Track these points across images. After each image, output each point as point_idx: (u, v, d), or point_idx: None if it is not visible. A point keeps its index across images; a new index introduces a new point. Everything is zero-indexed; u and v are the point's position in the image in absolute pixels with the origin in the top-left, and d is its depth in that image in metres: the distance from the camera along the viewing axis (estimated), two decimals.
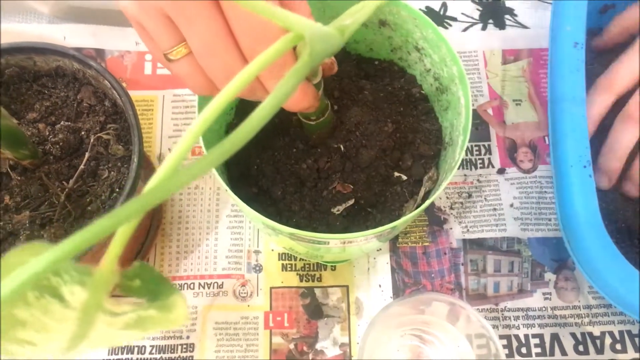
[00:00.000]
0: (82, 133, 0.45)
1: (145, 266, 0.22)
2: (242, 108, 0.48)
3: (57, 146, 0.43)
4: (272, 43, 0.23)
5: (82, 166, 0.43)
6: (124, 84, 0.44)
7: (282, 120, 0.44)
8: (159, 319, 0.21)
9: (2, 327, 0.17)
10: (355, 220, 0.43)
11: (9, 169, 0.42)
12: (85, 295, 0.19)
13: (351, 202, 0.42)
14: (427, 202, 0.38)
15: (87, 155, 0.44)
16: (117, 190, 0.43)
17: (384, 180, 0.43)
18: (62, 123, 0.45)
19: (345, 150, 0.42)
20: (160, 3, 0.30)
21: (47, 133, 0.44)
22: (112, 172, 0.44)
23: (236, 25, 0.31)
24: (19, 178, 0.42)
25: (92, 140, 0.44)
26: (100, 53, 0.60)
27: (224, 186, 0.38)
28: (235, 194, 0.38)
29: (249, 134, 0.19)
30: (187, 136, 0.19)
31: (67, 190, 0.42)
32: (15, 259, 0.17)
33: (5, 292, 0.15)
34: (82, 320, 0.19)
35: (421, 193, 0.43)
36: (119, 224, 0.17)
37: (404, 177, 0.44)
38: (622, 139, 0.49)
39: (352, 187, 0.42)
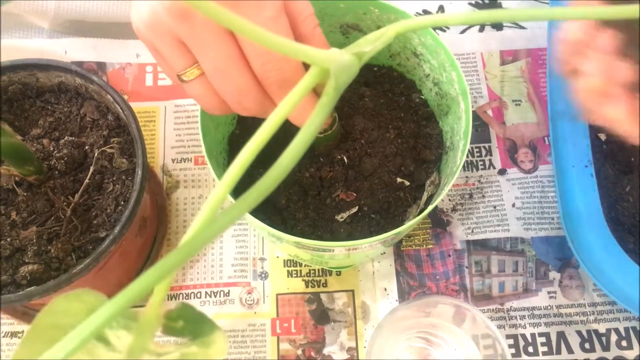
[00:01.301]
0: (86, 147, 0.45)
1: (187, 306, 0.22)
2: (244, 117, 0.48)
3: (62, 161, 0.44)
4: (282, 63, 0.23)
5: (87, 180, 0.44)
6: (125, 96, 0.45)
7: (286, 131, 0.45)
8: (199, 354, 0.21)
9: None
10: (359, 226, 0.43)
11: (14, 185, 0.43)
12: (130, 339, 0.20)
13: (355, 209, 0.43)
14: (431, 207, 0.38)
15: (91, 169, 0.44)
16: (122, 203, 0.44)
17: (386, 187, 0.44)
18: (66, 138, 0.45)
19: (348, 158, 0.43)
20: (173, 27, 0.31)
21: (52, 148, 0.45)
22: (117, 185, 0.44)
23: (248, 49, 0.31)
24: (25, 194, 0.43)
25: (96, 154, 0.45)
26: (101, 66, 0.61)
27: (228, 197, 0.38)
28: None
29: (283, 173, 0.19)
30: (220, 187, 0.20)
31: (72, 204, 0.43)
32: (61, 306, 0.18)
33: (71, 349, 0.16)
34: None
35: (424, 198, 0.44)
36: (165, 275, 0.18)
37: (407, 183, 0.44)
38: None
39: (355, 194, 0.43)
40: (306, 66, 0.30)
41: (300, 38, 0.33)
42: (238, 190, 0.44)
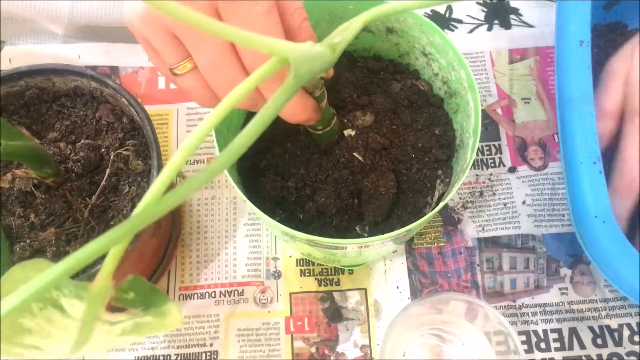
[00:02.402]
0: (102, 150, 0.46)
1: (138, 279, 0.23)
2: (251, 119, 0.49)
3: (79, 164, 0.45)
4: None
5: (103, 182, 0.45)
6: (139, 100, 0.46)
7: (292, 130, 0.45)
8: (155, 324, 0.23)
9: (10, 334, 0.20)
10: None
11: (33, 188, 0.44)
12: (83, 307, 0.21)
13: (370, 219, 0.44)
14: (441, 205, 0.39)
15: (107, 171, 0.45)
16: (138, 204, 0.44)
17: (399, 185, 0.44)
18: (82, 141, 0.46)
19: (363, 159, 0.43)
20: (166, 21, 0.32)
21: (68, 151, 0.46)
22: (133, 187, 0.45)
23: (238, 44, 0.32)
24: (43, 196, 0.44)
25: (112, 156, 0.45)
26: (114, 70, 0.62)
27: (242, 197, 0.39)
28: (253, 203, 0.39)
29: (248, 141, 0.20)
30: (182, 149, 0.21)
31: (90, 206, 0.44)
32: (19, 273, 0.20)
33: (11, 306, 0.17)
34: (82, 329, 0.21)
35: (435, 196, 0.44)
36: (110, 245, 0.18)
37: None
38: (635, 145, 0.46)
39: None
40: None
41: (289, 31, 0.34)
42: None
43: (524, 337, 0.52)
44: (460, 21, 0.65)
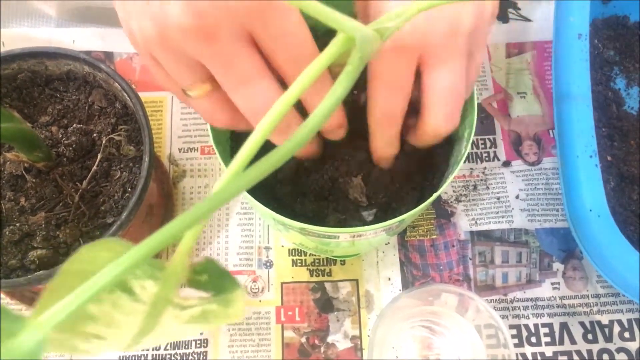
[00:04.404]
0: (94, 135, 0.46)
1: (212, 261, 0.22)
2: None
3: (70, 148, 0.44)
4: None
5: (94, 167, 0.44)
6: (133, 86, 0.45)
7: None
8: (219, 313, 0.21)
9: (73, 323, 0.18)
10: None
11: (24, 172, 0.43)
12: (156, 289, 0.19)
13: (373, 211, 0.43)
14: (434, 196, 0.38)
15: (99, 156, 0.45)
16: (130, 190, 0.44)
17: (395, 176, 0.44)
18: (74, 125, 0.46)
19: (354, 151, 0.43)
20: (191, 47, 0.30)
21: (60, 135, 0.45)
22: (124, 173, 0.45)
23: (279, 53, 0.31)
24: (33, 180, 0.43)
25: (104, 141, 0.45)
26: (109, 55, 0.61)
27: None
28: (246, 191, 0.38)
29: (309, 134, 0.19)
30: (247, 146, 0.20)
31: (80, 191, 0.43)
32: (88, 254, 0.18)
33: (88, 295, 0.16)
34: (151, 314, 0.20)
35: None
36: (192, 224, 0.17)
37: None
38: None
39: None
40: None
41: None
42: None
43: (514, 331, 0.52)
44: None
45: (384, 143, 0.39)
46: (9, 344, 0.15)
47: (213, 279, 0.22)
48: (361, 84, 0.43)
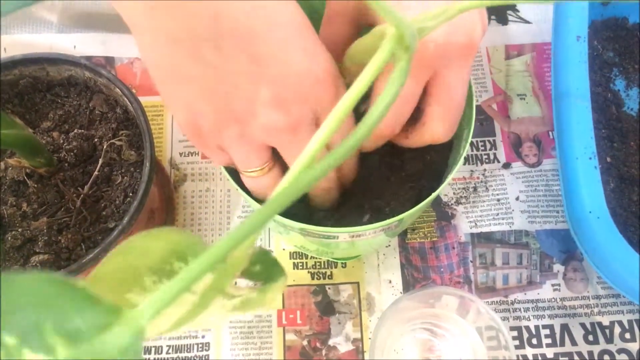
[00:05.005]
0: (95, 140, 0.46)
1: (264, 251, 0.22)
2: None
3: (72, 153, 0.45)
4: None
5: (96, 172, 0.45)
6: (134, 91, 0.45)
7: None
8: (257, 300, 0.21)
9: (115, 310, 0.17)
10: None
11: (25, 177, 0.44)
12: (209, 279, 0.19)
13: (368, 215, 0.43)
14: (433, 195, 0.38)
15: (100, 161, 0.45)
16: (131, 194, 0.44)
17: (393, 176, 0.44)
18: (75, 131, 0.46)
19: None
20: (267, 138, 0.32)
21: (62, 141, 0.46)
22: (125, 178, 0.45)
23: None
24: (35, 185, 0.44)
25: (105, 146, 0.45)
26: (109, 61, 0.61)
27: (234, 186, 0.39)
28: (246, 193, 0.39)
29: (363, 137, 0.19)
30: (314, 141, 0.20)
31: (82, 196, 0.44)
32: (140, 243, 0.18)
33: (181, 286, 0.15)
34: (199, 304, 0.19)
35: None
36: (260, 226, 0.17)
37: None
38: None
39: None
40: None
41: None
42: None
43: (515, 333, 0.52)
44: None
45: (370, 145, 0.39)
46: (101, 339, 0.14)
47: (265, 269, 0.22)
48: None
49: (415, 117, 0.37)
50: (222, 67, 0.29)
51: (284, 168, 0.36)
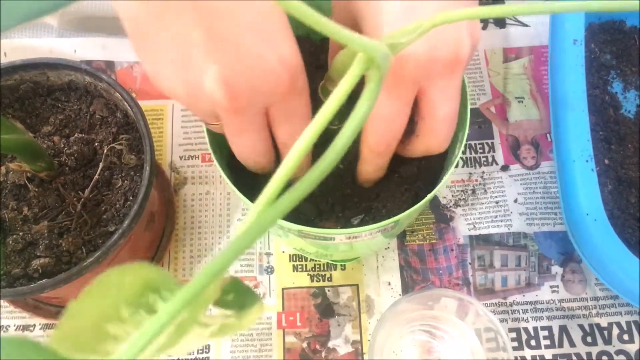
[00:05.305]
0: (96, 144, 0.46)
1: (237, 280, 0.23)
2: None
3: (72, 157, 0.45)
4: None
5: (96, 176, 0.45)
6: (133, 95, 0.46)
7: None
8: (235, 324, 0.22)
9: (92, 341, 0.18)
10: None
11: (26, 181, 0.44)
12: (185, 312, 0.19)
13: (361, 216, 0.44)
14: (429, 196, 0.39)
15: (101, 165, 0.45)
16: (131, 198, 0.45)
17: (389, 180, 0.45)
18: (76, 135, 0.46)
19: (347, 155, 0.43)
20: (211, 109, 0.33)
21: (62, 145, 0.46)
22: (126, 181, 0.45)
23: (285, 126, 0.35)
24: (36, 189, 0.44)
25: (105, 150, 0.46)
26: (110, 65, 0.62)
27: (233, 189, 0.39)
28: (246, 196, 0.39)
29: (331, 164, 0.20)
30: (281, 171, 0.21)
31: (82, 199, 0.44)
32: (116, 278, 0.18)
33: (145, 342, 0.17)
34: (175, 334, 0.20)
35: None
36: (232, 259, 0.18)
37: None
38: None
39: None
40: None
41: None
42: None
43: (514, 335, 0.52)
44: None
45: (373, 169, 0.40)
46: None
47: (238, 297, 0.22)
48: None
49: (411, 129, 0.38)
50: (180, 34, 0.30)
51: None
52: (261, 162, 0.37)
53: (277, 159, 0.38)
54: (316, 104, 0.39)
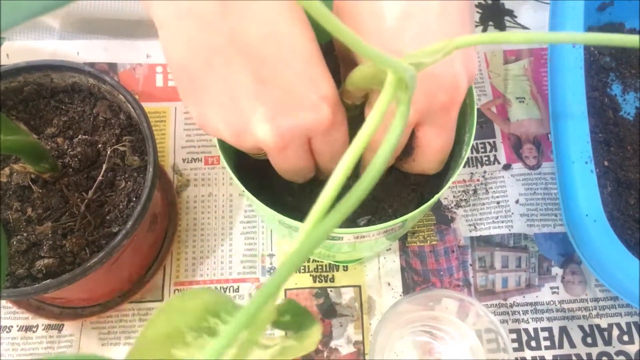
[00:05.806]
0: (99, 146, 0.47)
1: (293, 302, 0.24)
2: None
3: (76, 159, 0.45)
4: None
5: (100, 177, 0.45)
6: (136, 97, 0.46)
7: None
8: (297, 347, 0.23)
9: None
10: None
11: (30, 183, 0.44)
12: (245, 334, 0.20)
13: (368, 217, 0.44)
14: (435, 198, 0.39)
15: (104, 166, 0.45)
16: (134, 199, 0.45)
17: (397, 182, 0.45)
18: (79, 137, 0.47)
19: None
20: (249, 145, 0.35)
21: (66, 147, 0.46)
22: (129, 183, 0.46)
23: (326, 154, 0.37)
24: (40, 191, 0.44)
25: (108, 152, 0.46)
26: (112, 67, 0.62)
27: (239, 185, 0.40)
28: (252, 194, 0.39)
29: (369, 185, 0.21)
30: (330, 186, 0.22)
31: (86, 200, 0.44)
32: (177, 304, 0.20)
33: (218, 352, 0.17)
34: (237, 356, 0.21)
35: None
36: (285, 279, 0.19)
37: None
38: None
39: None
40: None
41: None
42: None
43: (514, 336, 0.53)
44: None
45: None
46: None
47: (294, 318, 0.23)
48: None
49: (409, 151, 0.40)
50: (229, 79, 0.31)
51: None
52: (303, 178, 0.40)
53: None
54: None
